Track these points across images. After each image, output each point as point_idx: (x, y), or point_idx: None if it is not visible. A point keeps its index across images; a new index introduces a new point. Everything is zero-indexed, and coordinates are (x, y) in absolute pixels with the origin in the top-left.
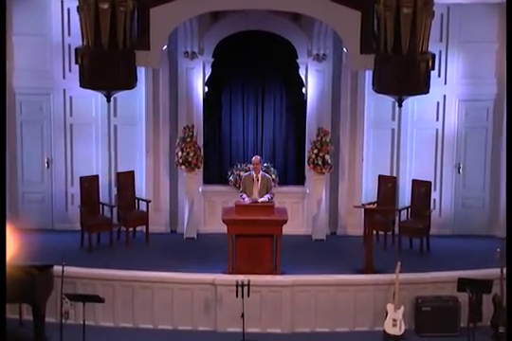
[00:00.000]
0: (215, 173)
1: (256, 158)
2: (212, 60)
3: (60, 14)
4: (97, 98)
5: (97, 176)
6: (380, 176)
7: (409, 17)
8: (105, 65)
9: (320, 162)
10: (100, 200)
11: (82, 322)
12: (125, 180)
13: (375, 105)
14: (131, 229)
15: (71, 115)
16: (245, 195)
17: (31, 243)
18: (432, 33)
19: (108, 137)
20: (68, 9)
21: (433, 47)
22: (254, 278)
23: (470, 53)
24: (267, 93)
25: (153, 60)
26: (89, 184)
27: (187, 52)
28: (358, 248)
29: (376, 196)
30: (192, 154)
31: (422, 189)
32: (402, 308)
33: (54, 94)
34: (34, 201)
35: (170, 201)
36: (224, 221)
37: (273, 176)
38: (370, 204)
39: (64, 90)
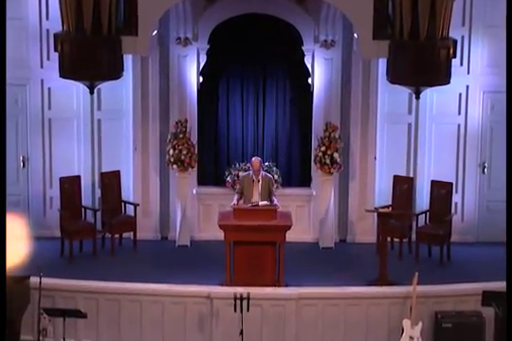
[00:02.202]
0: (211, 174)
1: (256, 160)
2: (208, 47)
3: None
4: (78, 89)
5: (78, 177)
6: (395, 177)
7: None
8: (88, 53)
9: (327, 161)
10: (83, 203)
11: (61, 340)
12: (110, 181)
13: (390, 97)
14: (117, 236)
15: (50, 108)
16: (235, 197)
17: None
18: (454, 17)
19: (91, 133)
20: None
21: (455, 32)
22: (254, 291)
23: (496, 39)
24: (269, 84)
25: (141, 47)
26: (70, 185)
27: (179, 38)
28: (371, 257)
29: (391, 199)
30: (184, 152)
31: (442, 191)
32: (420, 324)
33: (31, 85)
34: (8, 204)
35: (160, 204)
36: (220, 226)
37: (275, 177)
38: (384, 207)
39: (42, 80)
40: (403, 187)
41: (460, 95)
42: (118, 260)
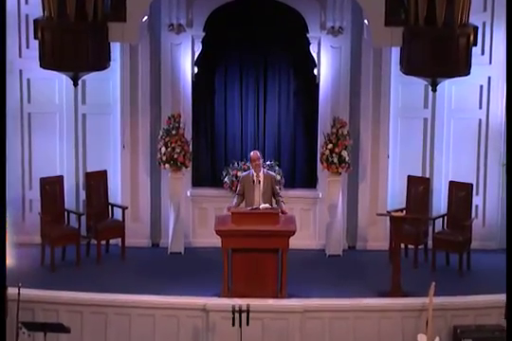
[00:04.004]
0: (207, 174)
1: (255, 153)
2: (203, 34)
3: None
4: (61, 80)
5: (61, 177)
6: (410, 177)
7: None
8: (71, 41)
9: (335, 160)
10: (66, 206)
11: None
12: (96, 182)
13: (404, 90)
14: (103, 242)
15: (29, 101)
16: (235, 199)
17: None
18: (474, 1)
19: (75, 129)
20: None
21: (475, 18)
22: (255, 303)
23: None
24: (271, 75)
25: (130, 34)
26: (52, 186)
27: (172, 25)
28: (383, 266)
29: (405, 202)
30: (178, 150)
31: (461, 193)
32: (437, 340)
33: (8, 76)
34: None
35: (151, 208)
36: (217, 232)
37: (278, 177)
38: (397, 211)
39: (21, 71)
40: (418, 188)
41: (481, 87)
42: (105, 268)
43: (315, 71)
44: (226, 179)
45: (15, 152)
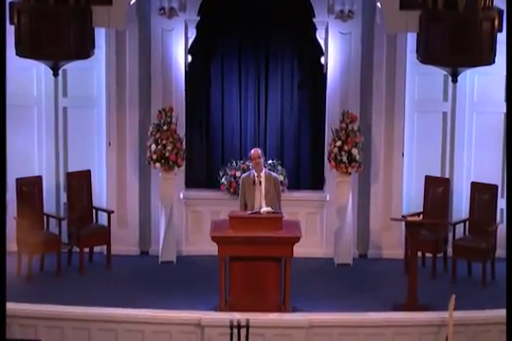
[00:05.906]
0: (202, 174)
1: (255, 151)
2: (198, 19)
3: None
4: (39, 70)
5: (40, 178)
6: (428, 178)
7: None
8: (51, 26)
9: (344, 158)
10: (45, 210)
11: None
12: (79, 183)
13: (421, 81)
14: (86, 250)
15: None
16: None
17: None
18: None
19: (55, 125)
20: None
21: (500, 1)
22: (255, 317)
23: None
24: (273, 64)
25: (116, 19)
26: (29, 188)
27: (163, 8)
28: (398, 276)
29: (422, 205)
30: (169, 148)
31: (485, 196)
32: None
33: None
34: None
35: (140, 212)
36: (214, 238)
37: (281, 177)
38: (413, 215)
39: None
40: (437, 190)
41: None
42: (88, 279)
43: (322, 60)
44: (223, 180)
45: None
